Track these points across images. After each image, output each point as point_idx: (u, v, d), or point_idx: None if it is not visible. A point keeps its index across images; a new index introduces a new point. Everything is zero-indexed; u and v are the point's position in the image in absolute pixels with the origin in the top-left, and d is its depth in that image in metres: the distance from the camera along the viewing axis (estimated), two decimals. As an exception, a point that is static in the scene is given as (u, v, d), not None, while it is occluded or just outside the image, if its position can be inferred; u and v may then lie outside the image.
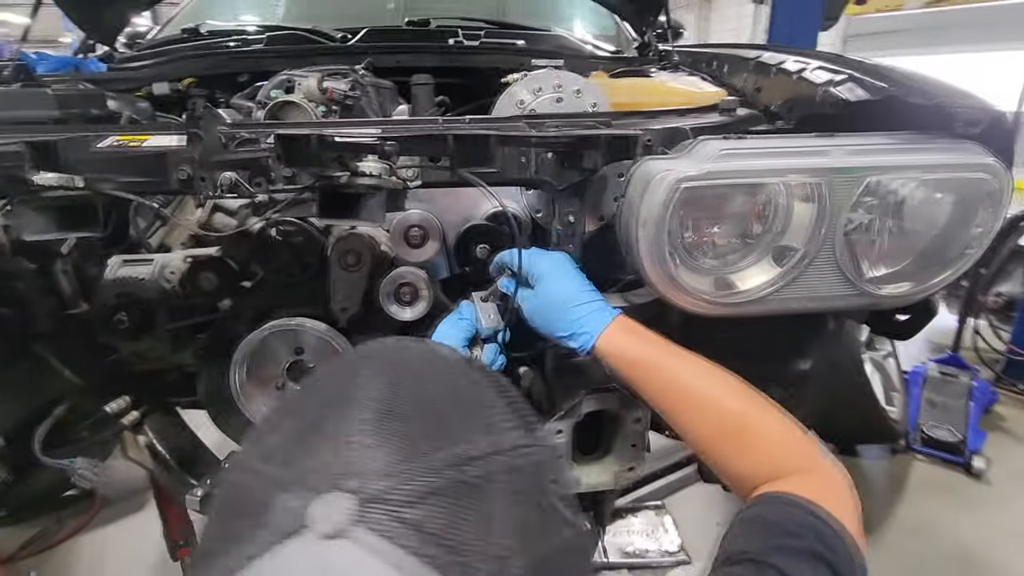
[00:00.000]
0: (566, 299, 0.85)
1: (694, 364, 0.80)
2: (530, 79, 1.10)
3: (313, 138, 0.71)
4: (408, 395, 0.44)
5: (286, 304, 1.24)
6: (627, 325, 0.84)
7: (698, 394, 0.77)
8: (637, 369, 0.81)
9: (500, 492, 0.40)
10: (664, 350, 0.81)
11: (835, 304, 0.85)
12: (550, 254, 0.92)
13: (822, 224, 0.79)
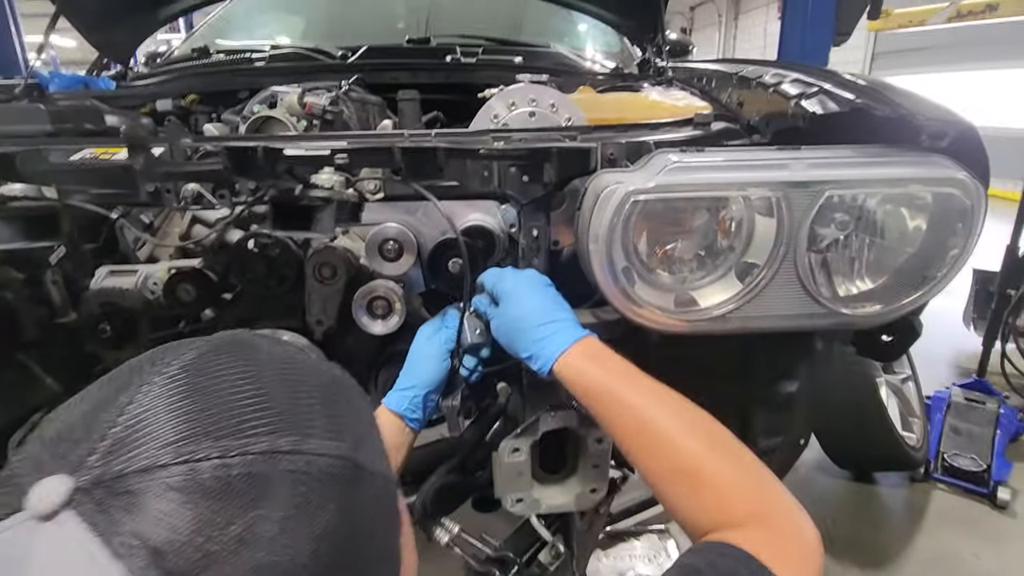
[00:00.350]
0: (528, 318, 0.82)
1: (654, 395, 0.75)
2: (505, 94, 1.10)
3: (260, 150, 0.72)
4: (202, 385, 0.41)
5: (265, 316, 1.25)
6: (591, 349, 0.80)
7: (653, 427, 0.72)
8: (593, 396, 0.77)
9: (271, 499, 0.37)
10: (623, 378, 0.76)
11: (800, 323, 0.82)
12: (517, 273, 0.90)
13: (782, 239, 0.76)
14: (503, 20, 2.39)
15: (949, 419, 2.93)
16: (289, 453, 0.39)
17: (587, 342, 0.80)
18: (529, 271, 0.91)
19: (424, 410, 0.94)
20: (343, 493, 0.41)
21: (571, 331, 0.81)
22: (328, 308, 1.18)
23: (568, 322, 0.82)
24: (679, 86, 1.57)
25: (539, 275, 0.89)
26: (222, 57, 1.96)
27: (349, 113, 1.24)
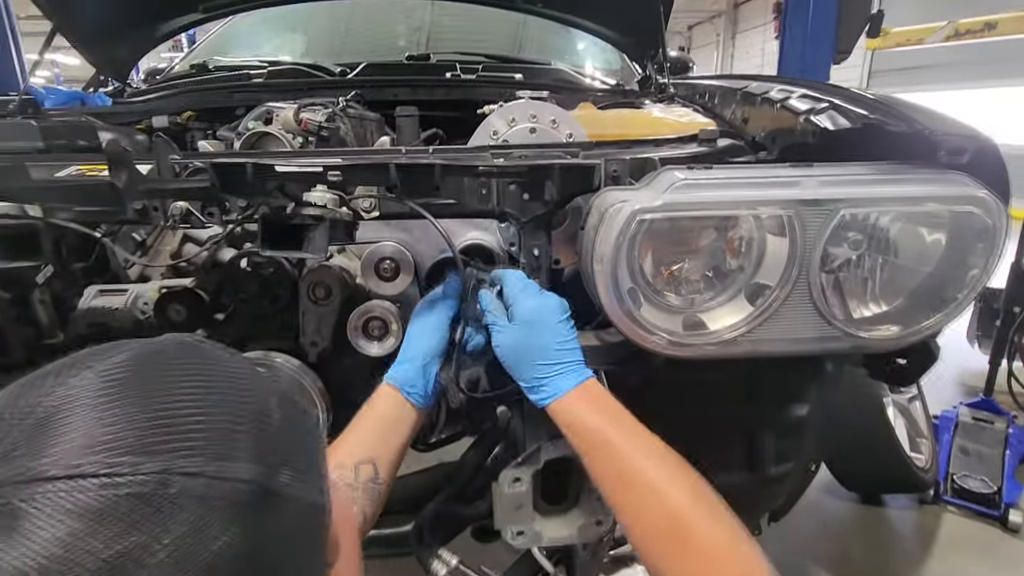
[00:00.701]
0: (539, 353, 0.80)
1: (646, 447, 0.73)
2: (504, 110, 1.08)
3: (249, 167, 0.69)
4: (109, 396, 0.38)
5: (258, 337, 1.21)
6: (590, 393, 0.79)
7: (641, 481, 0.70)
8: (585, 440, 0.76)
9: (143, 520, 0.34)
10: (617, 426, 0.75)
11: (813, 348, 0.78)
12: (542, 296, 0.85)
13: (795, 260, 0.73)
14: (503, 38, 2.38)
15: (957, 439, 2.87)
16: (188, 475, 0.36)
17: (588, 385, 0.79)
18: (553, 299, 0.85)
19: (425, 382, 0.89)
20: (250, 519, 0.38)
21: (576, 373, 0.79)
22: (323, 329, 1.15)
23: (576, 364, 0.80)
24: (681, 103, 1.55)
25: (561, 304, 0.84)
26: (220, 74, 1.95)
27: (346, 130, 1.21)
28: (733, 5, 20.56)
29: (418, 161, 0.75)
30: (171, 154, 0.82)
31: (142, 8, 1.85)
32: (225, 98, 1.73)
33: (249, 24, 2.65)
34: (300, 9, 2.64)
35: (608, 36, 2.00)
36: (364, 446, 0.86)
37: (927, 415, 2.85)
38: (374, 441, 0.87)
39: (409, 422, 0.90)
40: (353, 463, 0.84)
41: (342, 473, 0.83)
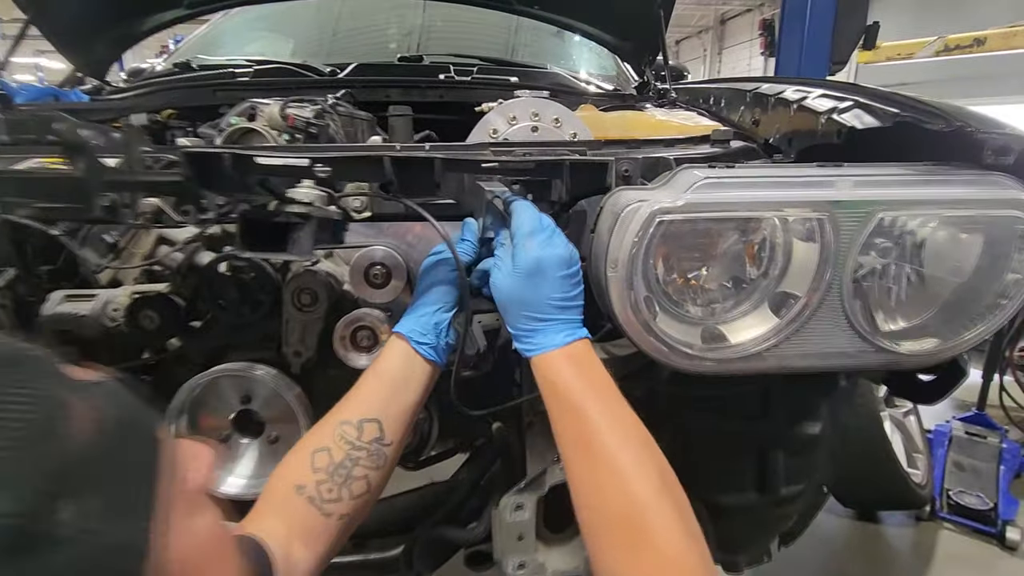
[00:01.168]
0: (535, 302, 0.71)
1: (622, 427, 0.66)
2: (505, 107, 1.01)
3: (227, 158, 0.61)
4: None
5: (238, 346, 1.13)
6: (578, 355, 0.70)
7: (607, 458, 0.63)
8: (560, 401, 0.68)
9: None
10: (596, 396, 0.67)
11: (845, 363, 0.72)
12: (547, 247, 0.73)
13: (826, 268, 0.67)
14: (496, 42, 2.33)
15: (952, 454, 2.85)
16: None
17: (577, 346, 0.71)
18: (560, 249, 0.73)
19: (437, 333, 0.82)
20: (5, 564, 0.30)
21: (567, 332, 0.71)
22: (307, 338, 1.07)
23: (570, 323, 0.72)
24: (683, 107, 1.50)
25: (568, 256, 0.73)
26: (203, 72, 1.87)
27: (336, 128, 1.14)
28: (720, 21, 20.86)
29: (416, 155, 0.68)
30: (142, 145, 0.74)
31: (123, 2, 1.77)
32: (208, 96, 1.65)
33: (236, 24, 2.58)
34: (288, 9, 2.58)
35: (605, 40, 1.96)
36: (369, 404, 0.79)
37: (922, 429, 2.82)
38: (381, 399, 0.80)
39: (420, 380, 0.82)
40: (357, 420, 0.78)
41: (345, 430, 0.77)
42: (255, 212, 0.67)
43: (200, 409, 1.09)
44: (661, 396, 1.02)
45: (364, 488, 0.77)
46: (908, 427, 2.74)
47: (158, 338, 1.09)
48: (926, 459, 2.71)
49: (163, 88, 1.74)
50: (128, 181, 0.65)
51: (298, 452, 0.79)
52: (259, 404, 1.08)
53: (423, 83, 1.65)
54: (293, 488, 0.75)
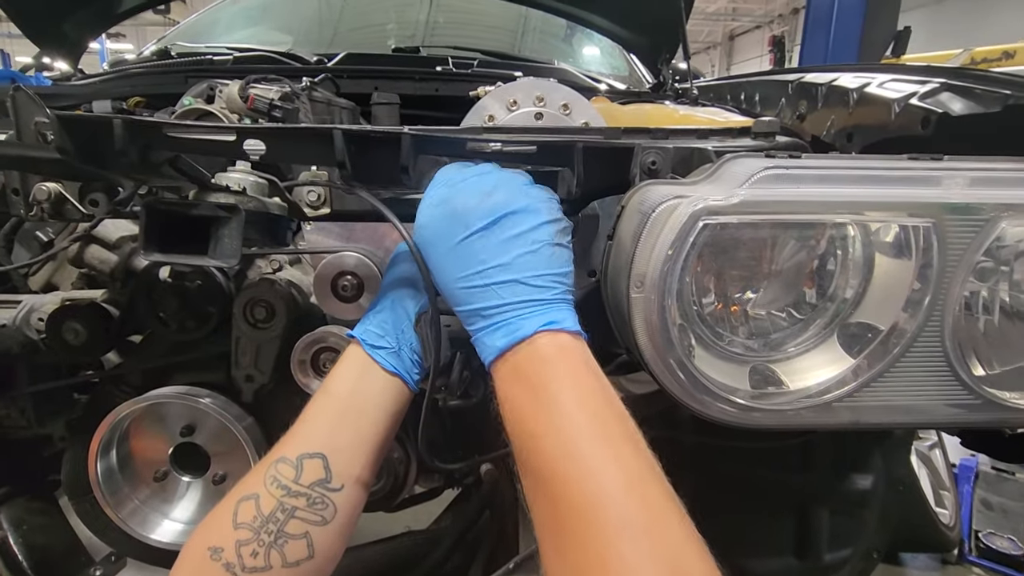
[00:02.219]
0: (454, 279, 0.52)
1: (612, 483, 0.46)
2: (503, 90, 0.85)
3: (117, 126, 0.45)
4: None
5: (181, 367, 0.96)
6: (527, 361, 0.51)
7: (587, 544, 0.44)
8: (511, 432, 0.51)
9: None
10: (562, 433, 0.48)
11: (941, 420, 0.54)
12: (476, 185, 0.55)
13: (925, 292, 0.50)
14: (502, 40, 2.19)
15: (979, 491, 2.66)
16: None
17: (532, 345, 0.51)
18: (487, 191, 0.53)
19: (396, 338, 0.63)
20: None
21: (514, 321, 0.51)
22: (261, 360, 0.90)
23: (525, 308, 0.51)
24: (707, 103, 1.34)
25: (508, 198, 0.53)
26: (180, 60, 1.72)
27: (306, 113, 0.98)
28: (728, 37, 20.84)
29: (376, 130, 0.51)
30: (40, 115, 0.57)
31: (92, -20, 1.62)
32: (179, 83, 1.49)
33: (231, 14, 2.45)
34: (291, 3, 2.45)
35: (619, 35, 1.80)
36: (312, 435, 0.60)
37: (948, 463, 2.63)
38: (327, 426, 0.60)
39: (379, 399, 0.62)
40: (296, 456, 0.58)
41: (279, 470, 0.57)
42: (165, 203, 0.50)
43: (133, 441, 0.92)
44: (683, 441, 0.85)
45: (304, 552, 0.57)
46: (934, 461, 2.55)
47: (86, 354, 0.92)
48: (953, 497, 2.52)
49: (132, 75, 1.58)
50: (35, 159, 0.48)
51: (224, 503, 0.60)
52: (203, 437, 0.91)
53: (417, 74, 1.49)
54: (207, 552, 0.56)
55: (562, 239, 0.55)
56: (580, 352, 0.51)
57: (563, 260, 0.54)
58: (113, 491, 0.90)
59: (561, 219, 0.56)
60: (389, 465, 0.93)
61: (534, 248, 0.52)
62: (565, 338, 0.51)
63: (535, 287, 0.51)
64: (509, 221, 0.52)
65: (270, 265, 0.97)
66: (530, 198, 0.54)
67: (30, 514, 1.08)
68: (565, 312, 0.52)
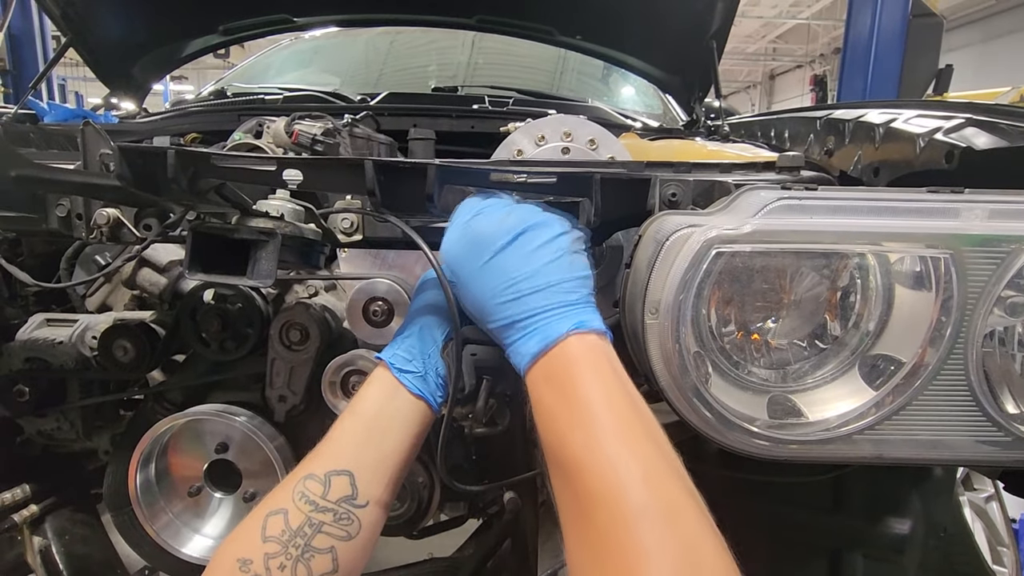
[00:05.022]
0: (486, 294, 0.55)
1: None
2: (531, 126, 0.88)
3: (171, 156, 0.49)
4: None
5: (220, 386, 1.00)
6: (560, 366, 0.53)
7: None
8: (544, 444, 0.53)
9: None
10: (588, 438, 0.50)
11: (966, 456, 0.53)
12: (498, 211, 0.58)
13: (946, 324, 0.49)
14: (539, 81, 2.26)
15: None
16: None
17: (562, 350, 0.53)
18: (507, 215, 0.57)
19: (423, 362, 0.65)
20: None
21: (544, 328, 0.54)
22: (294, 381, 0.93)
23: (551, 314, 0.53)
24: (738, 140, 1.35)
25: (526, 218, 0.56)
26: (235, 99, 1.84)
27: (346, 147, 1.03)
28: (768, 76, 20.83)
29: (404, 161, 0.54)
30: (104, 147, 0.63)
31: (161, 27, 1.76)
32: (231, 121, 1.59)
33: (283, 58, 2.60)
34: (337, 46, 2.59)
35: (652, 75, 1.84)
36: (340, 452, 0.62)
37: (1006, 518, 2.47)
38: (354, 444, 0.63)
39: (404, 420, 0.64)
40: (324, 473, 0.60)
41: (308, 487, 0.59)
42: (208, 226, 0.54)
43: (171, 456, 0.96)
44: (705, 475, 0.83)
45: (328, 566, 0.59)
46: (990, 515, 2.39)
47: (134, 371, 0.97)
48: (1013, 554, 2.35)
49: (190, 113, 1.70)
50: (46, 179, 0.54)
51: (253, 516, 0.63)
52: (236, 454, 0.94)
53: (453, 112, 1.55)
54: (236, 563, 0.59)
55: (579, 247, 0.58)
56: (606, 351, 0.54)
57: (583, 265, 0.57)
58: (150, 503, 0.93)
59: (575, 229, 0.59)
60: (413, 489, 0.94)
61: (556, 256, 0.55)
62: (592, 338, 0.53)
63: (562, 292, 0.54)
64: (528, 235, 0.56)
65: (306, 290, 1.01)
66: (544, 214, 0.58)
67: (73, 525, 1.13)
68: (591, 313, 0.54)
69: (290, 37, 2.66)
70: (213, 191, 0.53)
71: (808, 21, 15.11)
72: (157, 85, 2.06)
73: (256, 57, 2.63)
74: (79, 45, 1.67)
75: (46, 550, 1.07)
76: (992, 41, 10.68)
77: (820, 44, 16.26)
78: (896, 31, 2.66)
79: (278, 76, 2.42)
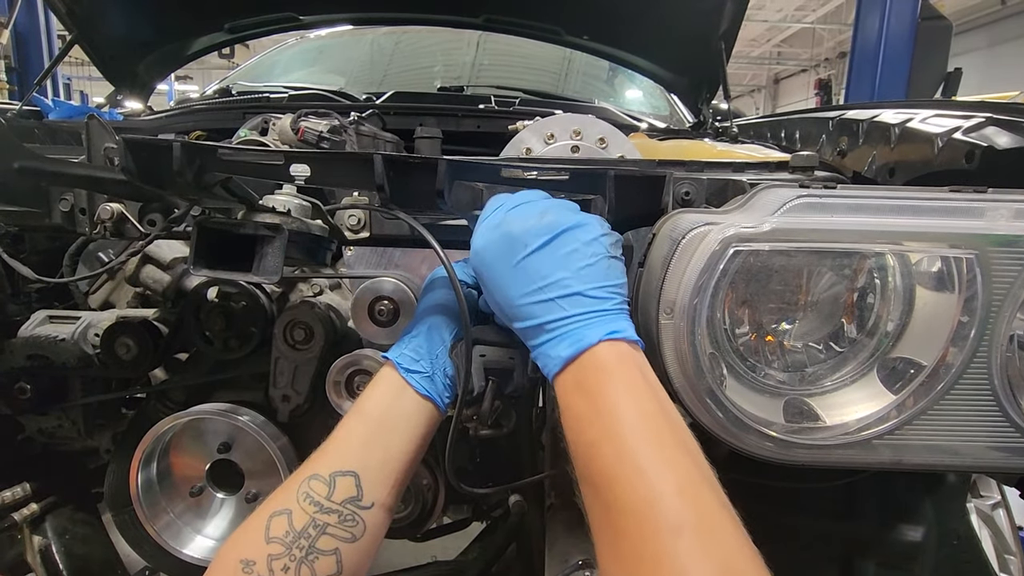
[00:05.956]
0: (512, 296, 0.54)
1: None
2: (540, 124, 0.87)
3: (176, 149, 0.48)
4: None
5: (225, 385, 0.99)
6: (590, 372, 0.52)
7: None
8: (574, 454, 0.51)
9: None
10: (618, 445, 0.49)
11: (988, 463, 0.52)
12: (529, 211, 0.56)
13: (969, 327, 0.48)
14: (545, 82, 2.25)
15: (1050, 558, 2.45)
16: None
17: (595, 354, 0.51)
18: (541, 213, 0.55)
19: (431, 362, 0.64)
20: None
21: (577, 333, 0.52)
22: (298, 380, 0.92)
23: (585, 320, 0.52)
24: (747, 141, 1.34)
25: (559, 217, 0.54)
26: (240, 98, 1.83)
27: (353, 145, 1.02)
28: (773, 80, 20.82)
29: (414, 156, 0.53)
30: (108, 141, 0.62)
31: (167, 25, 1.75)
32: (237, 119, 1.58)
33: (287, 57, 2.59)
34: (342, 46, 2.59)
35: (660, 75, 1.83)
36: (346, 453, 0.61)
37: (1013, 526, 2.44)
38: (360, 444, 0.61)
39: (411, 420, 0.63)
40: (329, 473, 0.59)
41: (312, 487, 0.58)
42: (214, 222, 0.53)
43: (173, 455, 0.95)
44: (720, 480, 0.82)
45: (332, 568, 0.58)
46: (997, 523, 2.37)
47: (136, 369, 0.96)
48: (1020, 562, 2.33)
49: (195, 111, 1.69)
50: (49, 171, 0.53)
51: (256, 516, 0.61)
52: (239, 454, 0.93)
53: (459, 111, 1.54)
54: (239, 564, 0.57)
55: (616, 251, 0.56)
56: (638, 361, 0.52)
57: (619, 271, 0.55)
58: (151, 503, 0.92)
59: (613, 232, 0.57)
60: (417, 491, 0.93)
61: (593, 261, 0.53)
62: (624, 347, 0.51)
63: (596, 298, 0.52)
64: (567, 237, 0.54)
65: (311, 289, 1.00)
66: (581, 215, 0.56)
67: (74, 524, 1.11)
68: (625, 322, 0.52)
69: (295, 36, 2.65)
70: (219, 186, 0.52)
71: (813, 25, 15.09)
72: (161, 85, 2.05)
73: (261, 56, 2.63)
74: (85, 42, 1.67)
75: (46, 549, 1.06)
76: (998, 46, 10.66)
77: (825, 48, 16.24)
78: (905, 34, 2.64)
79: (283, 75, 2.42)
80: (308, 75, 2.43)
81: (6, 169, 0.50)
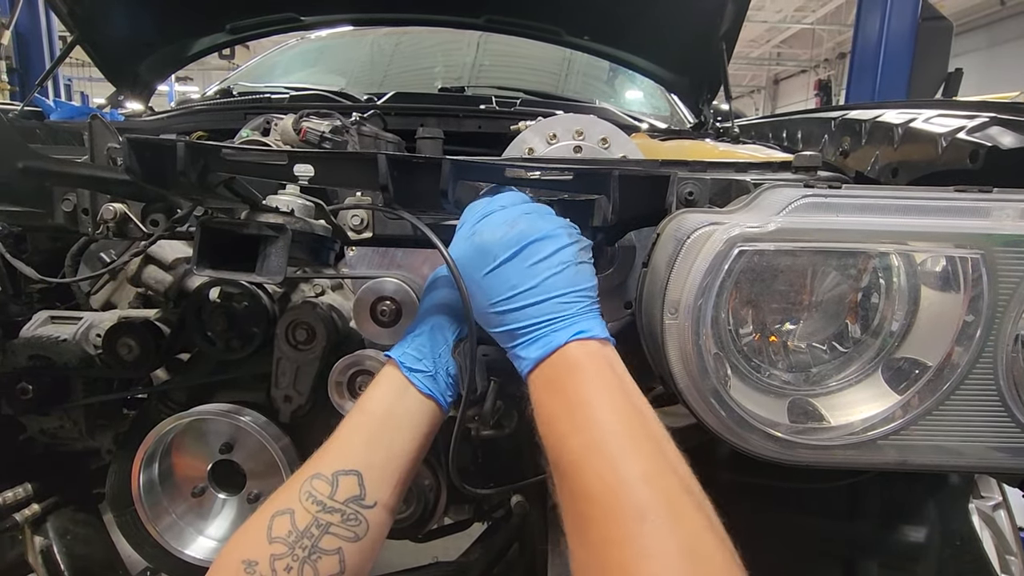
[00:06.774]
0: (485, 304, 0.56)
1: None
2: (543, 124, 0.87)
3: (180, 149, 0.48)
4: None
5: (227, 386, 0.99)
6: (558, 372, 0.54)
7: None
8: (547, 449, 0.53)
9: None
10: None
11: (994, 464, 0.52)
12: (503, 219, 0.57)
13: (974, 327, 0.48)
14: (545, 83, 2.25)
15: (1051, 559, 2.44)
16: None
17: (558, 358, 0.53)
18: (512, 222, 0.56)
19: (434, 362, 0.64)
20: None
21: (544, 337, 0.54)
22: (300, 381, 0.92)
23: (551, 324, 0.53)
24: (748, 141, 1.34)
25: (530, 228, 0.56)
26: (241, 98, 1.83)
27: (354, 145, 1.02)
28: (773, 81, 20.83)
29: (418, 156, 0.53)
30: (112, 140, 0.62)
31: (168, 25, 1.75)
32: (239, 119, 1.59)
33: (288, 58, 2.59)
34: (342, 47, 2.59)
35: (660, 75, 1.83)
36: (348, 452, 0.61)
37: (1014, 527, 2.44)
38: (363, 443, 0.61)
39: (414, 420, 0.63)
40: (331, 472, 0.59)
41: (315, 486, 0.58)
42: (217, 222, 0.53)
43: (175, 456, 0.95)
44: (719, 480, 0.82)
45: (335, 567, 0.58)
46: (998, 523, 2.37)
47: (138, 369, 0.96)
48: (1021, 563, 2.33)
49: (196, 111, 1.69)
50: (53, 171, 0.53)
51: (258, 516, 0.61)
52: (241, 455, 0.93)
53: (460, 112, 1.54)
54: (241, 565, 0.57)
55: (584, 257, 0.58)
56: (607, 355, 0.53)
57: (587, 276, 0.57)
58: (153, 504, 0.92)
59: (580, 240, 0.59)
60: (419, 492, 0.93)
61: (560, 269, 0.55)
62: (593, 344, 0.53)
63: (564, 304, 0.54)
64: (534, 248, 0.55)
65: (313, 289, 1.00)
66: (550, 225, 0.58)
67: (75, 525, 1.11)
68: (593, 321, 0.54)
69: (296, 37, 2.65)
70: (223, 185, 0.52)
71: (813, 26, 15.10)
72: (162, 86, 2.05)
73: (261, 57, 2.63)
74: (86, 43, 1.67)
75: (47, 550, 1.06)
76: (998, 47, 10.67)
77: (825, 49, 16.25)
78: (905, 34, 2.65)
79: (284, 76, 2.42)
80: (309, 76, 2.43)
81: (10, 169, 0.49)
